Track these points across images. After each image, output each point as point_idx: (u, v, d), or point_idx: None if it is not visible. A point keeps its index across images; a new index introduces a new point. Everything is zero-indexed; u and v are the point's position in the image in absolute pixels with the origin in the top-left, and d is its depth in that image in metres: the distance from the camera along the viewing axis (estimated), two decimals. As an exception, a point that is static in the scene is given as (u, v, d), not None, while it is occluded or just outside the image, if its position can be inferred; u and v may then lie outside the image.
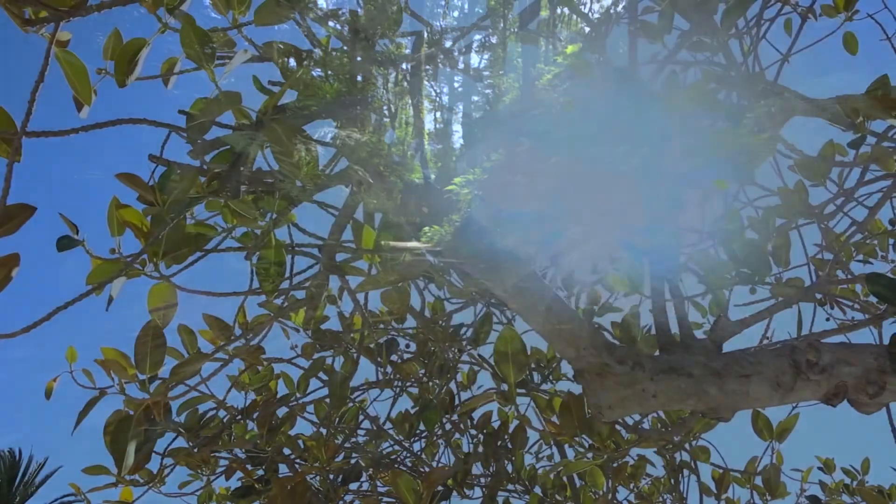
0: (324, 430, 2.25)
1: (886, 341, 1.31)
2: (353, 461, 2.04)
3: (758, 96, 2.23)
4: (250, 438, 1.86)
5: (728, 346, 1.35)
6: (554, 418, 1.68)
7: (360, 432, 2.42)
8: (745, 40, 2.24)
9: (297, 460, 2.00)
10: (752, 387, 1.24)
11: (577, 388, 1.86)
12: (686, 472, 2.55)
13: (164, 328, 1.46)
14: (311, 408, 2.33)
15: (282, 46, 1.19)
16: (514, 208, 1.36)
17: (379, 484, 2.48)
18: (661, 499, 2.78)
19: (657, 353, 1.28)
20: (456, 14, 1.34)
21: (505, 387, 1.36)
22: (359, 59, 1.08)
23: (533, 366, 1.89)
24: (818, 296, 2.20)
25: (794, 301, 1.49)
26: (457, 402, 2.28)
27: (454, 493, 2.33)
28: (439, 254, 1.26)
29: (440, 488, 2.43)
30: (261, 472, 2.08)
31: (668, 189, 1.30)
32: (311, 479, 2.14)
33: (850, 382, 1.27)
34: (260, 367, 2.21)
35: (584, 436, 1.76)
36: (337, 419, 2.35)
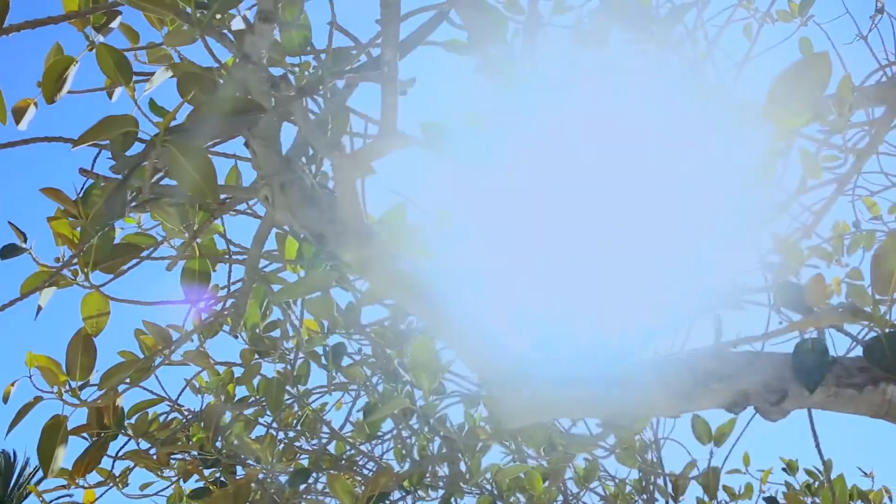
0: (281, 434, 2.30)
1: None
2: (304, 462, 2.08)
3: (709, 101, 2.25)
4: (197, 441, 1.91)
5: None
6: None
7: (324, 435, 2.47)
8: (695, 46, 2.26)
9: (252, 462, 2.04)
10: (653, 395, 1.27)
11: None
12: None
13: (96, 336, 1.51)
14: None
15: (183, 66, 1.23)
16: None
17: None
18: (635, 500, 2.81)
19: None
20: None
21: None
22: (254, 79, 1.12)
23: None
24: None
25: (713, 308, 1.51)
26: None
27: (410, 494, 2.37)
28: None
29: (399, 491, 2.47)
30: (216, 475, 2.13)
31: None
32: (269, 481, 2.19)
33: (752, 390, 1.30)
34: (221, 370, 2.27)
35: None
36: (296, 422, 2.40)
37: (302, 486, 2.08)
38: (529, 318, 1.39)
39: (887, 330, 1.17)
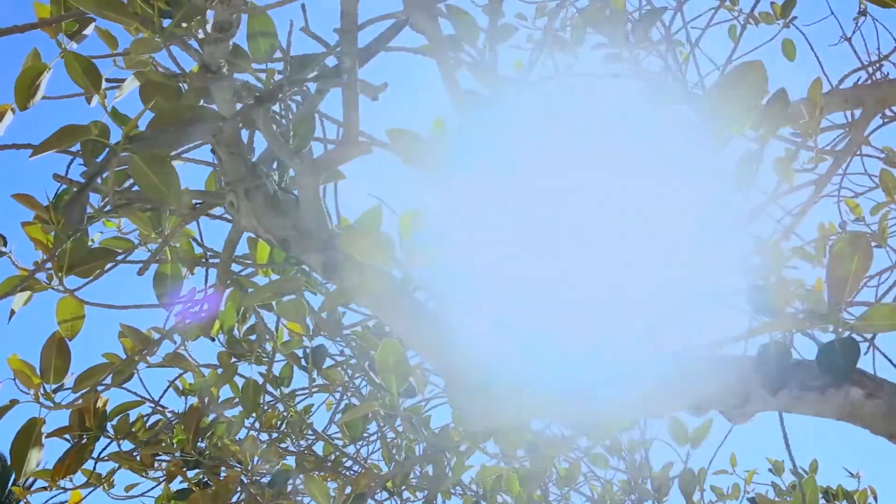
0: (265, 435, 2.32)
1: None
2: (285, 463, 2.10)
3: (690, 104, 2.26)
4: (177, 443, 1.93)
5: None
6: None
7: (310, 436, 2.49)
8: (675, 49, 2.27)
9: (236, 464, 2.06)
10: (614, 400, 1.28)
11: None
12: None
13: (71, 339, 1.53)
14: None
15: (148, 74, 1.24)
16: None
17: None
18: (624, 502, 2.81)
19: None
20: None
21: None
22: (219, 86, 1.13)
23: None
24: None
25: (685, 311, 1.53)
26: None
27: (395, 496, 2.38)
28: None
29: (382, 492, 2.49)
30: (200, 477, 2.15)
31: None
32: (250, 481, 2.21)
33: (714, 394, 1.31)
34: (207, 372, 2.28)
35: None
36: (280, 423, 2.41)
37: (288, 488, 2.09)
38: (497, 322, 1.40)
39: (846, 335, 1.17)
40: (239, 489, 2.11)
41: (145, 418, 2.17)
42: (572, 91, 1.90)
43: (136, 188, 1.42)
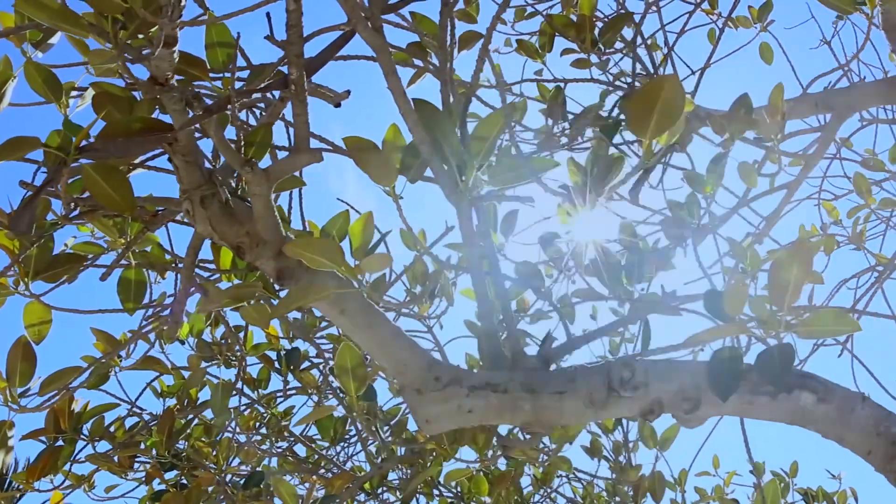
0: (242, 437, 2.34)
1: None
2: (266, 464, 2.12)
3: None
4: (151, 445, 1.95)
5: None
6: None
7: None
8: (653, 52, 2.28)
9: (212, 466, 2.08)
10: (565, 403, 1.30)
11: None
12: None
13: (38, 343, 1.55)
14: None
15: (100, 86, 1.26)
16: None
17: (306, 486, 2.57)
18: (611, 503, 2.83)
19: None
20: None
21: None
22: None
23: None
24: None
25: (642, 315, 1.54)
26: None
27: (373, 497, 2.40)
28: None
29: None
30: (177, 478, 2.17)
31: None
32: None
33: (666, 398, 1.32)
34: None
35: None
36: (259, 425, 2.44)
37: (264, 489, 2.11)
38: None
39: (784, 340, 1.19)
40: (220, 490, 2.14)
41: (124, 420, 2.20)
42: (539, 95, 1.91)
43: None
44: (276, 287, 1.42)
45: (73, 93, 1.63)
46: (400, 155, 1.32)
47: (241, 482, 2.01)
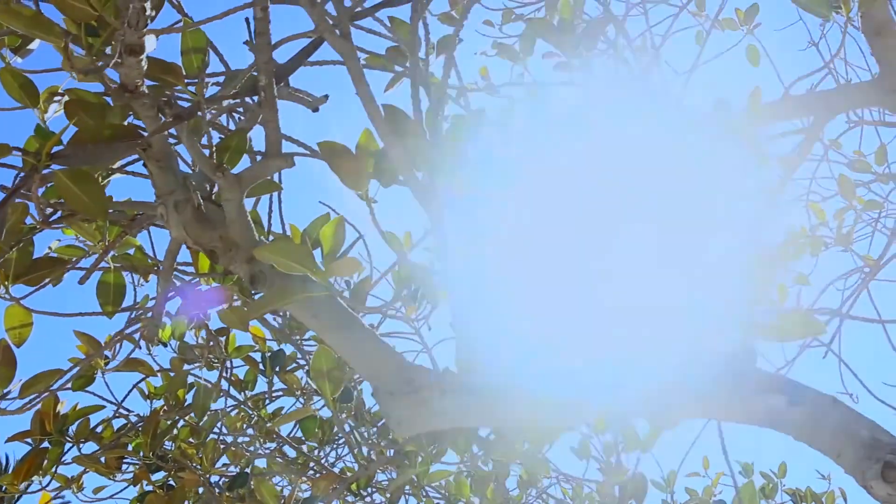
0: (230, 438, 2.36)
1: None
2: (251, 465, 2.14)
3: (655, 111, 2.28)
4: (136, 446, 1.97)
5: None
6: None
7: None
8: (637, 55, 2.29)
9: (196, 466, 2.10)
10: (537, 406, 1.31)
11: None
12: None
13: (19, 346, 1.57)
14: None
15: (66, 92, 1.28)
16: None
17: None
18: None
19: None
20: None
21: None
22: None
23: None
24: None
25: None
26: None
27: (359, 499, 2.41)
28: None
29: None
30: (164, 480, 2.19)
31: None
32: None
33: (637, 402, 1.33)
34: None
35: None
36: (245, 426, 2.45)
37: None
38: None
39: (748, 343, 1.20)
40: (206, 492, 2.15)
41: (112, 422, 2.21)
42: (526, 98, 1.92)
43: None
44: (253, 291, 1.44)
45: (57, 97, 1.65)
46: (373, 160, 1.33)
47: (226, 483, 2.02)
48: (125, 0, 0.97)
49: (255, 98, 1.44)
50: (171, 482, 2.27)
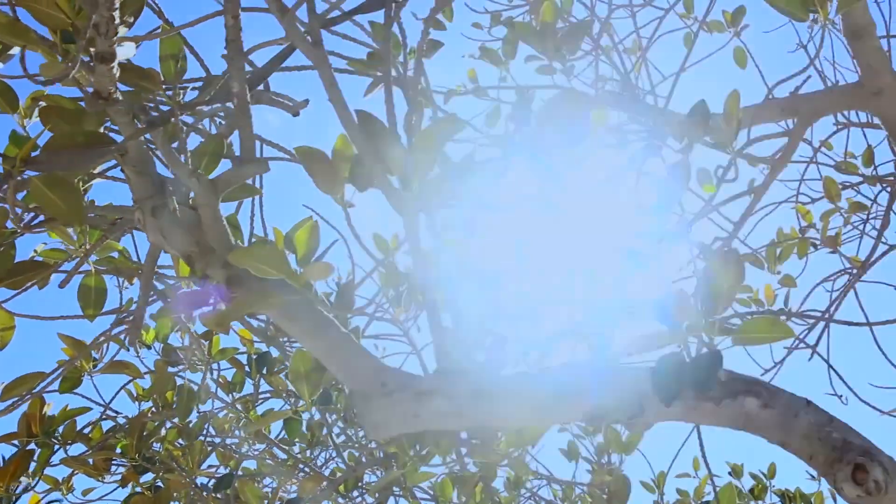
0: (219, 439, 2.37)
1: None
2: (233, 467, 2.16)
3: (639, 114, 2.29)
4: (123, 448, 1.98)
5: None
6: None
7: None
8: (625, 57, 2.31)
9: (181, 468, 2.11)
10: (510, 408, 1.32)
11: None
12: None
13: (2, 349, 1.58)
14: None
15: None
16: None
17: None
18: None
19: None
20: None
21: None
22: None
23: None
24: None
25: (595, 321, 1.56)
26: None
27: (348, 499, 2.43)
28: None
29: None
30: (153, 482, 2.20)
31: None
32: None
33: (610, 404, 1.34)
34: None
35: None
36: (234, 427, 2.47)
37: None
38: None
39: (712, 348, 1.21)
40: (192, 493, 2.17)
41: (101, 424, 2.23)
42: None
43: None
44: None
45: (42, 103, 1.66)
46: (348, 164, 1.34)
47: (212, 485, 2.04)
48: (92, 9, 0.98)
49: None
50: (160, 484, 2.29)
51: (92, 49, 1.19)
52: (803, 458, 1.37)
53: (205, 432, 2.21)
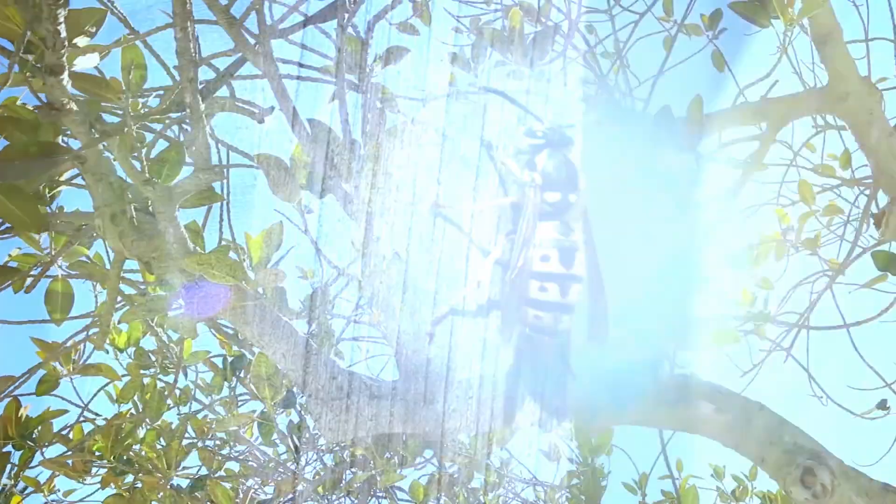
0: (201, 441, 2.39)
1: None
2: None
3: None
4: (98, 450, 2.00)
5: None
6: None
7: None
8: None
9: (157, 470, 2.13)
10: (465, 413, 1.34)
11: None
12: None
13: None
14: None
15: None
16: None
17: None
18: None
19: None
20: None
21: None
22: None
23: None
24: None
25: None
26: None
27: (326, 501, 2.44)
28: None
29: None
30: (133, 484, 2.23)
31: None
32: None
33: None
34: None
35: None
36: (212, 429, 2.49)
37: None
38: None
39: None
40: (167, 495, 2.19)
41: (81, 425, 2.25)
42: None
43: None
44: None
45: None
46: (306, 171, 1.36)
47: (188, 486, 2.06)
48: (35, 24, 1.00)
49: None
50: (140, 485, 2.31)
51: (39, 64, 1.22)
52: (756, 461, 1.38)
53: (186, 434, 2.23)
